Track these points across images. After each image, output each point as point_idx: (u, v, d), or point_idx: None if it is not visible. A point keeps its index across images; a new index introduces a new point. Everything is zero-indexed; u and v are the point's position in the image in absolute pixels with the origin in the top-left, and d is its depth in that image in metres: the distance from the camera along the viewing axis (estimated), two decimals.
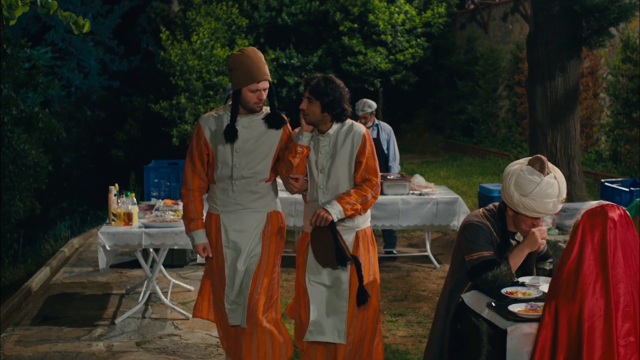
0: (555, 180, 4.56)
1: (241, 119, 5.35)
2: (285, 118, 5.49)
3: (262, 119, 5.38)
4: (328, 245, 5.13)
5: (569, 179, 10.78)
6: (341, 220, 5.18)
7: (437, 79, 22.13)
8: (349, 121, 5.36)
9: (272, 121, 5.38)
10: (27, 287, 8.88)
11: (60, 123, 16.02)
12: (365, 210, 5.27)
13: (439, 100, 22.10)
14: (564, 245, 8.34)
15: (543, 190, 4.53)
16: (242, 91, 5.22)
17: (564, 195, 4.60)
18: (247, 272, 5.38)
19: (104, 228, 7.46)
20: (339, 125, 5.30)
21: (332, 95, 5.16)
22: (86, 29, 5.09)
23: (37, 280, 9.21)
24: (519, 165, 4.69)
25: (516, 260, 4.70)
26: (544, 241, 4.75)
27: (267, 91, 5.30)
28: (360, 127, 5.31)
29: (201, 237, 5.47)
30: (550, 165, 4.64)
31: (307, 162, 5.36)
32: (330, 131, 5.29)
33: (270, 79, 5.29)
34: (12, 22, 4.72)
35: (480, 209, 4.89)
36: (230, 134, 5.29)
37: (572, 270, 3.97)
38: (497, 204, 4.89)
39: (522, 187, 4.57)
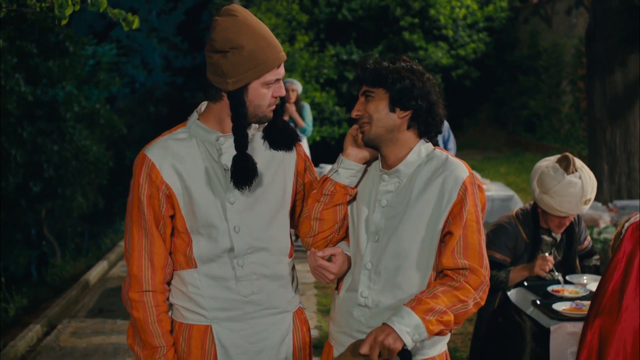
0: (579, 180, 4.44)
1: (227, 140, 2.88)
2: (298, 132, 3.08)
3: (261, 134, 2.96)
4: None
5: (628, 176, 10.58)
6: None
7: (499, 74, 21.91)
8: (439, 152, 2.89)
9: (279, 136, 2.95)
10: (85, 280, 9.06)
11: (122, 119, 16.33)
12: (458, 325, 2.81)
13: (501, 95, 21.85)
14: None
15: (563, 189, 4.44)
16: (248, 88, 2.79)
17: (589, 197, 4.46)
18: None
19: None
20: (418, 154, 2.85)
21: (415, 86, 2.78)
22: (135, 25, 5.13)
23: (94, 273, 9.39)
24: (548, 162, 4.62)
25: (515, 275, 4.64)
26: (543, 272, 4.56)
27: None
28: (459, 167, 2.82)
29: None
30: (579, 164, 4.53)
31: (351, 218, 2.95)
32: (401, 166, 2.84)
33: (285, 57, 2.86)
34: (63, 22, 4.77)
35: (517, 208, 4.86)
36: (246, 174, 2.80)
37: (617, 288, 3.56)
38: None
39: (543, 184, 4.53)
